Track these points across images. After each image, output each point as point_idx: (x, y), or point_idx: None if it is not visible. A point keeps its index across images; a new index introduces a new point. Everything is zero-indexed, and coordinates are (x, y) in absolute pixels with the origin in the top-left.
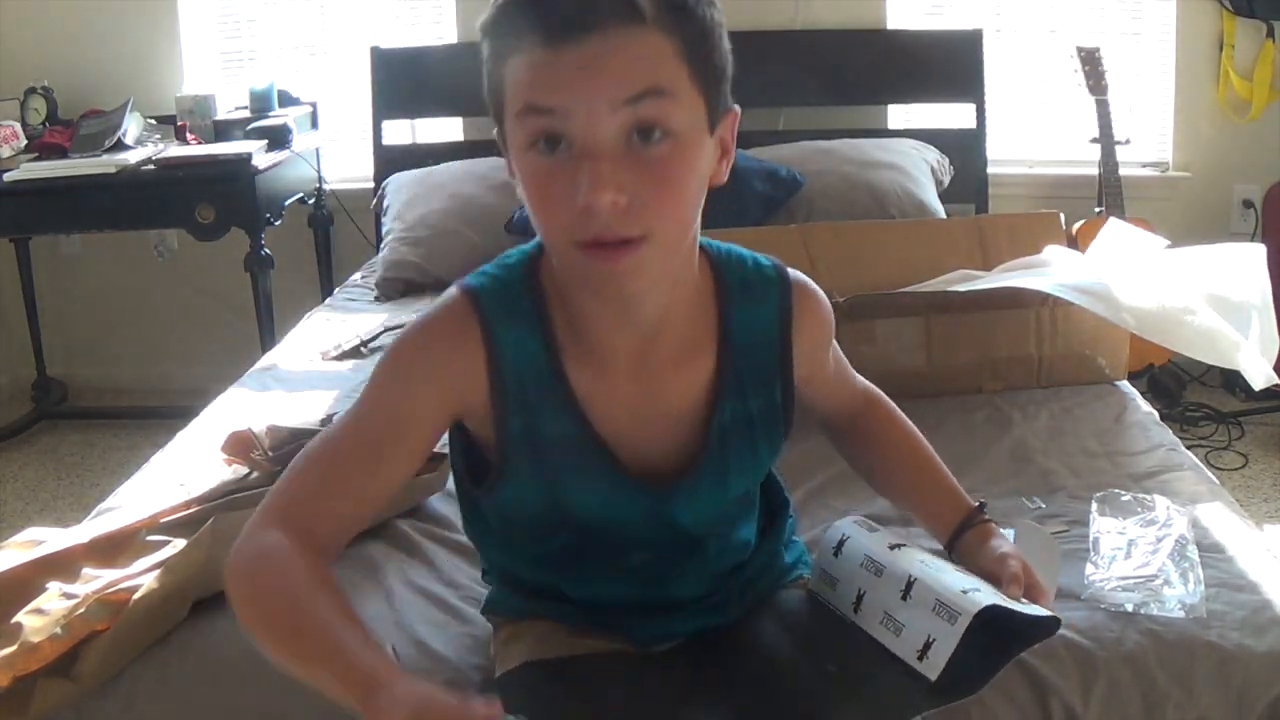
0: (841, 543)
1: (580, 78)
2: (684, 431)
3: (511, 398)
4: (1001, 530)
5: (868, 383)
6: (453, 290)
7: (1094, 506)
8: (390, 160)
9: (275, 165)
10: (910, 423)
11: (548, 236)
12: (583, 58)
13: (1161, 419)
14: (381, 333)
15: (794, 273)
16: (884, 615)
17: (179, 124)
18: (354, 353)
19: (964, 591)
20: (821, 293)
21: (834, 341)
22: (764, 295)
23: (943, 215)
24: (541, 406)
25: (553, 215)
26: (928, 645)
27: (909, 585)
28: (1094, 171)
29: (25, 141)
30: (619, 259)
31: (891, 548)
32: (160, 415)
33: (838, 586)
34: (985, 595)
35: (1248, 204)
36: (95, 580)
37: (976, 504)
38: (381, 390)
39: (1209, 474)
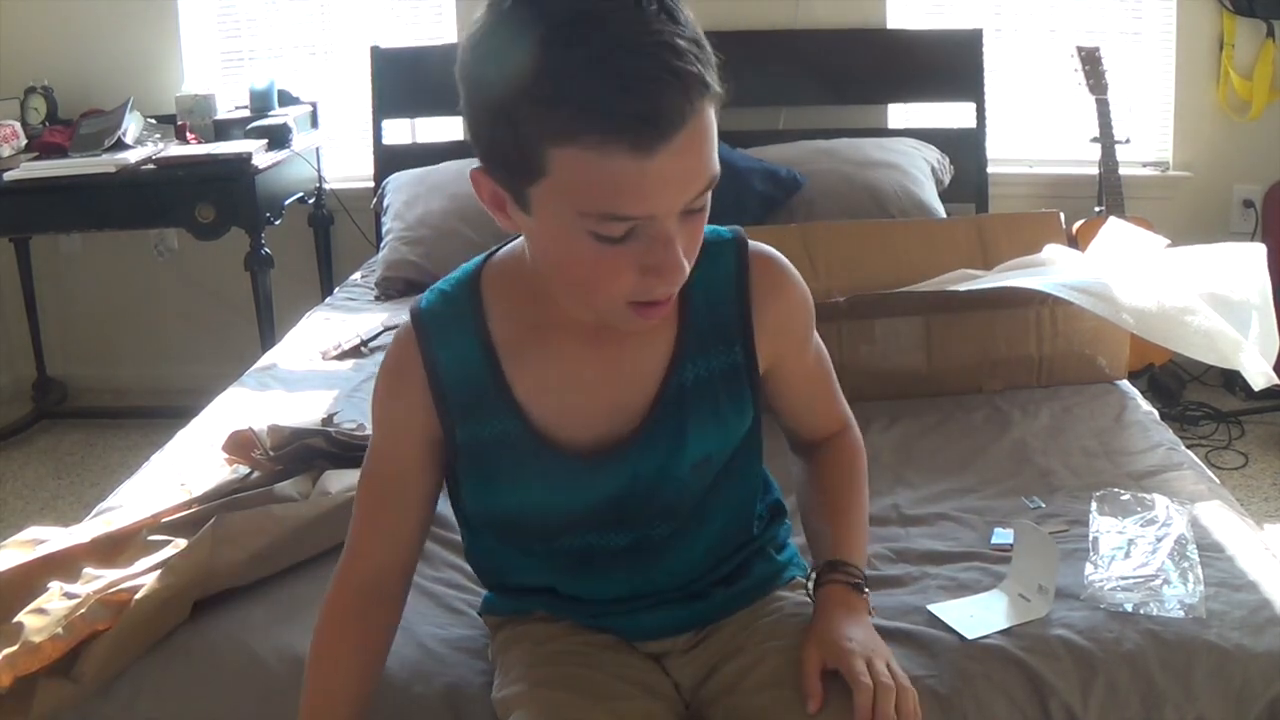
0: None
1: (666, 189)
2: (644, 394)
3: (454, 409)
4: (1000, 530)
5: (850, 413)
6: (405, 316)
7: (1093, 506)
8: (390, 160)
9: (275, 165)
10: (859, 465)
11: (598, 301)
12: (669, 163)
13: (1161, 418)
14: (381, 332)
15: (756, 244)
16: None
17: (179, 123)
18: (354, 352)
19: None
20: (793, 272)
21: (823, 352)
22: (719, 254)
23: (943, 215)
24: (481, 410)
25: (612, 286)
26: None
27: None
28: (1094, 171)
29: (25, 141)
30: (664, 309)
31: None
32: (160, 415)
33: None
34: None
35: (1248, 204)
36: (97, 580)
37: (855, 574)
38: (374, 435)
39: (1209, 473)
